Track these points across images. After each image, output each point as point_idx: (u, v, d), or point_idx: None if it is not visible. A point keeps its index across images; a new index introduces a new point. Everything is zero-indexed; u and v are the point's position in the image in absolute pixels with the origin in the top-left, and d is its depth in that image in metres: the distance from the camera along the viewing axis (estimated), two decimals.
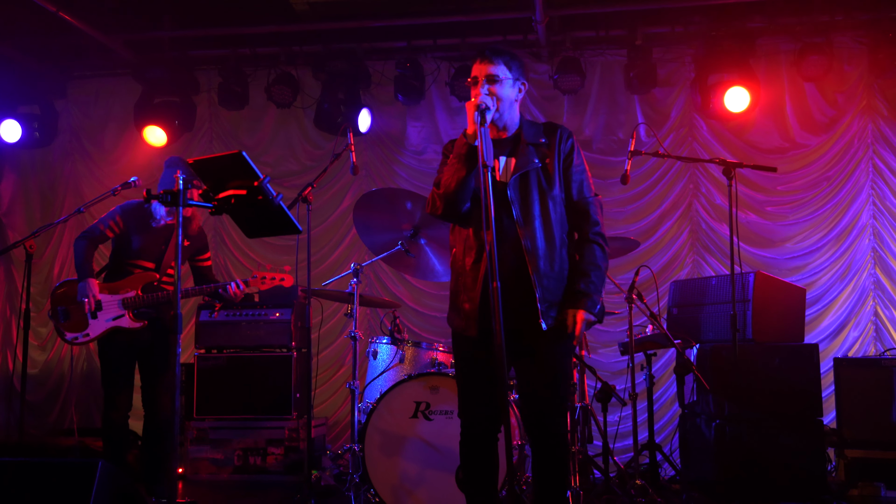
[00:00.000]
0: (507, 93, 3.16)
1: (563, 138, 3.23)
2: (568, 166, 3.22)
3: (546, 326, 3.08)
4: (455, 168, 3.10)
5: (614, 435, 5.97)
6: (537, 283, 3.08)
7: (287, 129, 7.35)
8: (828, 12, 6.37)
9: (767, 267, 6.56)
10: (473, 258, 3.14)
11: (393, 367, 4.87)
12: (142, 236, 4.73)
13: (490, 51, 3.19)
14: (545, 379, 3.14)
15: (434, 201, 3.20)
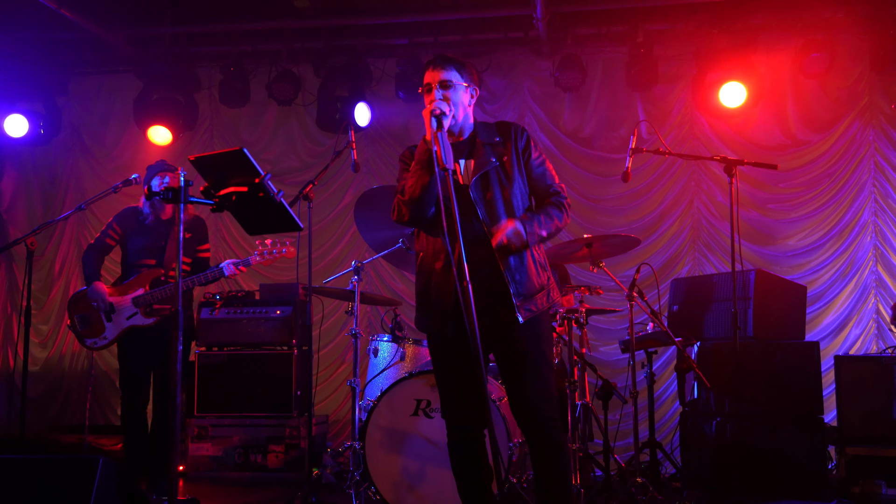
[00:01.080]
0: (459, 97, 3.20)
1: (518, 135, 3.29)
2: (527, 160, 3.28)
3: (522, 319, 3.13)
4: (418, 174, 3.13)
5: (615, 433, 5.97)
6: (510, 279, 3.14)
7: (288, 125, 7.35)
8: (830, 9, 6.36)
9: (769, 265, 6.55)
10: (443, 261, 3.18)
11: (394, 364, 4.86)
12: (141, 237, 4.87)
13: (440, 58, 3.25)
14: (527, 368, 3.18)
15: (399, 208, 3.23)
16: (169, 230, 4.89)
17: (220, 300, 6.01)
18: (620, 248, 5.23)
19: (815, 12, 6.39)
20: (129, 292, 4.82)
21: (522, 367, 3.20)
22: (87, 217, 7.32)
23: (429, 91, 3.20)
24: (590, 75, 6.81)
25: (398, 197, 3.25)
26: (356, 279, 4.79)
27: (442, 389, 3.34)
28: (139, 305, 4.80)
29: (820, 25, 6.43)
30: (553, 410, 3.21)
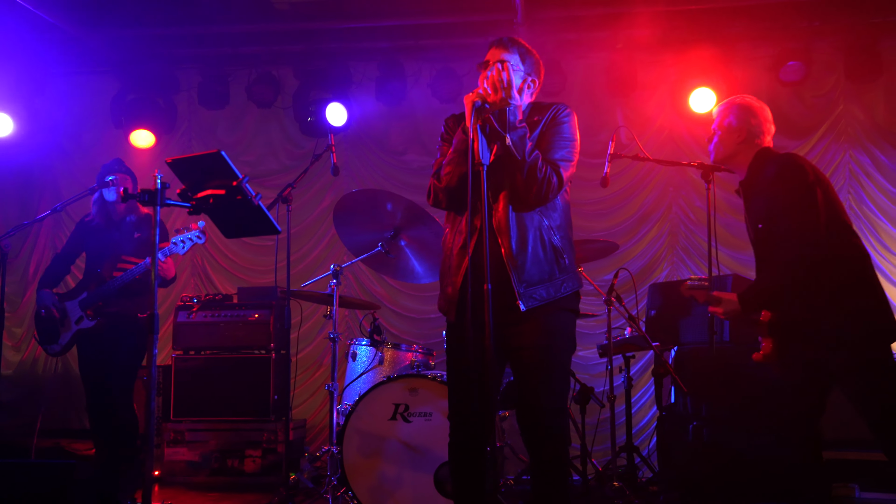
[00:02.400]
0: (515, 81, 3.07)
1: (555, 110, 3.16)
2: (549, 129, 3.12)
3: (525, 307, 2.99)
4: (455, 163, 3.07)
5: (593, 437, 5.98)
6: (510, 265, 3.00)
7: (268, 128, 7.32)
8: (806, 18, 6.44)
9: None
10: (461, 244, 3.10)
11: (372, 368, 4.85)
12: (97, 240, 4.85)
13: (508, 39, 3.16)
14: (537, 375, 3.02)
15: (436, 195, 3.17)
16: (123, 232, 4.83)
17: (198, 303, 5.97)
18: (599, 252, 5.26)
19: (791, 21, 6.47)
20: (75, 297, 4.80)
21: (527, 367, 3.04)
22: (63, 219, 7.24)
23: (485, 68, 3.09)
24: (570, 80, 6.85)
25: (433, 181, 3.17)
26: (335, 283, 4.78)
27: (448, 384, 3.22)
28: (84, 308, 4.75)
29: (796, 34, 6.51)
30: (557, 420, 3.03)
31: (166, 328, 6.54)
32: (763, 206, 3.46)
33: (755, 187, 3.53)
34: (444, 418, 4.34)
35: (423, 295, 6.99)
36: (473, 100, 2.89)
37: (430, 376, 4.46)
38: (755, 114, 3.60)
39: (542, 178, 2.99)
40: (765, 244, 3.48)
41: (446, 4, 6.48)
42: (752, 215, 3.53)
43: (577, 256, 4.91)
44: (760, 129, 3.59)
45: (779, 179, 3.40)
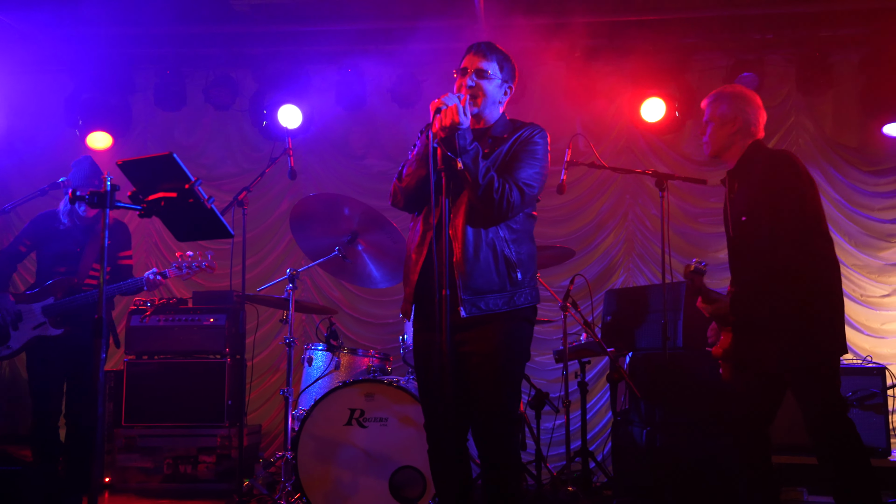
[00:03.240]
0: (492, 91, 3.11)
1: (531, 131, 3.12)
2: (521, 148, 3.08)
3: (465, 314, 2.97)
4: (416, 166, 3.09)
5: (548, 442, 6.03)
6: (458, 271, 2.99)
7: (225, 130, 7.25)
8: (759, 31, 6.57)
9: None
10: (418, 242, 3.13)
11: (328, 373, 4.83)
12: (56, 242, 4.70)
13: (486, 45, 3.14)
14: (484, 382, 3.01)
15: (396, 194, 3.19)
16: (86, 236, 4.73)
17: (152, 307, 5.88)
18: (556, 259, 5.30)
19: (745, 34, 6.60)
20: (39, 300, 4.63)
21: (475, 373, 3.01)
22: (13, 221, 7.09)
23: (463, 75, 3.10)
24: (529, 88, 6.90)
25: (395, 182, 3.19)
26: (291, 287, 4.75)
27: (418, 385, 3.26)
28: (48, 315, 4.61)
29: (750, 46, 6.64)
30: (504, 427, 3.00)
31: (119, 332, 6.41)
32: (750, 198, 3.38)
33: (744, 179, 3.44)
34: (399, 423, 4.36)
35: (381, 300, 6.98)
36: (438, 105, 2.90)
37: (387, 381, 4.45)
38: (749, 102, 3.49)
39: (498, 197, 2.96)
40: (745, 239, 3.40)
41: (407, 9, 6.49)
42: (736, 207, 3.43)
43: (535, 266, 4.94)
44: (756, 119, 3.48)
45: (772, 173, 3.34)
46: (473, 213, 3.04)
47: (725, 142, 3.50)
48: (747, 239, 3.37)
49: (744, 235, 3.40)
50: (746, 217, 3.36)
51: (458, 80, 3.13)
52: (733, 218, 3.46)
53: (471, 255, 3.00)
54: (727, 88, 3.56)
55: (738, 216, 3.42)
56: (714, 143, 3.55)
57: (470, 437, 3.16)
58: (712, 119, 3.52)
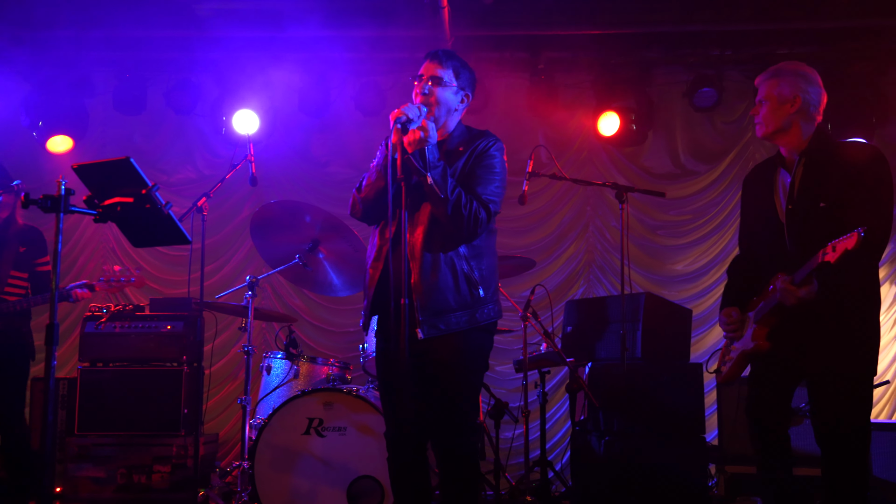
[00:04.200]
0: (448, 98, 3.11)
1: (484, 143, 3.11)
2: (477, 163, 3.08)
3: (423, 335, 2.96)
4: (376, 176, 3.09)
5: (508, 451, 6.03)
6: (415, 291, 2.98)
7: (186, 135, 7.17)
8: (719, 47, 6.69)
9: (658, 288, 6.80)
10: (374, 255, 3.13)
11: (287, 382, 4.80)
12: None
13: (443, 52, 3.15)
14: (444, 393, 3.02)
15: (355, 204, 3.19)
16: (9, 245, 4.59)
17: (107, 314, 5.77)
18: (516, 269, 5.33)
19: (705, 49, 6.72)
20: None
21: (434, 384, 3.03)
22: None
23: (419, 81, 3.12)
24: (493, 98, 6.94)
25: (354, 193, 3.19)
26: (250, 295, 4.71)
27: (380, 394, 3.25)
28: None
29: (710, 62, 6.76)
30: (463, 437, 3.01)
31: (73, 339, 6.30)
32: (839, 185, 3.09)
33: (827, 163, 3.15)
34: (358, 433, 4.34)
35: (342, 308, 6.94)
36: (397, 116, 2.90)
37: (346, 390, 4.43)
38: (811, 81, 3.25)
39: (467, 214, 2.96)
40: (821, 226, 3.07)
41: (372, 18, 6.49)
42: (810, 190, 3.14)
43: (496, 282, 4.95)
44: (818, 100, 3.25)
45: (878, 166, 3.10)
46: (432, 229, 3.03)
47: (782, 122, 3.20)
48: (825, 227, 3.03)
49: (820, 222, 3.08)
50: (827, 203, 3.08)
51: (415, 86, 3.14)
52: (805, 201, 3.14)
53: (429, 276, 2.99)
54: (787, 65, 3.27)
55: (814, 200, 3.12)
56: (770, 124, 3.24)
57: (429, 446, 3.16)
58: (768, 98, 3.24)
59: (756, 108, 3.30)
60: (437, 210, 2.98)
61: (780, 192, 3.25)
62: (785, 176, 3.25)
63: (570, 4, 6.39)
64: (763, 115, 3.26)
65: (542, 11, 6.46)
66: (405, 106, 2.95)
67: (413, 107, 2.97)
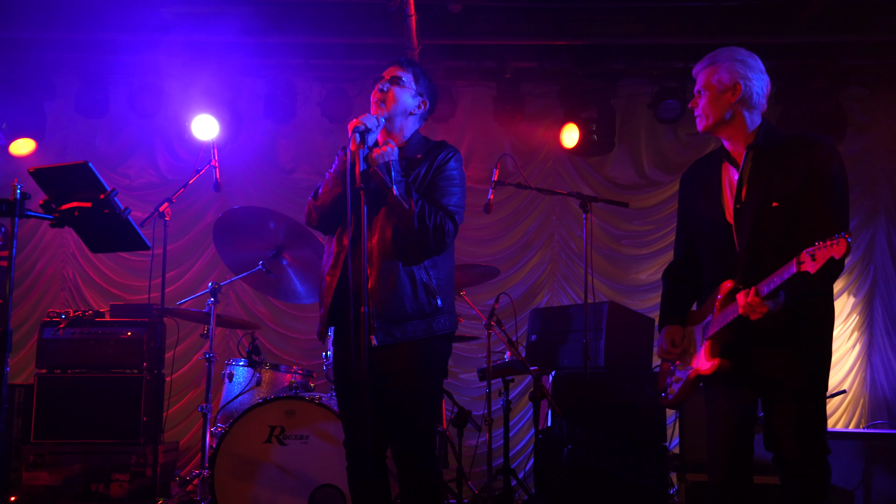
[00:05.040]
0: (404, 99, 3.13)
1: (443, 154, 3.12)
2: (437, 174, 3.09)
3: (377, 343, 2.96)
4: (332, 184, 3.09)
5: (471, 459, 6.03)
6: (371, 299, 2.96)
7: (149, 139, 7.09)
8: (682, 59, 6.79)
9: (622, 297, 6.86)
10: (331, 264, 3.12)
11: (249, 390, 4.75)
12: None
13: (406, 59, 3.21)
14: (402, 404, 3.02)
15: (311, 212, 3.18)
16: None
17: (66, 319, 5.68)
18: (481, 277, 5.34)
19: (668, 62, 6.81)
20: None
21: (392, 394, 3.01)
22: None
23: (379, 80, 3.15)
24: (460, 107, 6.96)
25: (311, 200, 3.18)
26: (212, 301, 4.66)
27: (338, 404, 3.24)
28: None
29: (674, 74, 6.85)
30: (423, 447, 3.01)
31: (31, 345, 6.19)
32: (793, 183, 2.81)
33: (779, 157, 2.87)
34: (320, 441, 4.31)
35: (307, 315, 6.90)
36: (356, 125, 2.91)
37: (308, 398, 4.40)
38: (751, 66, 2.95)
39: (433, 226, 2.97)
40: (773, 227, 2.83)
41: (339, 25, 6.49)
42: (762, 188, 2.85)
43: (460, 281, 4.96)
44: (761, 86, 2.95)
45: (835, 162, 2.82)
46: (390, 237, 3.03)
47: (723, 113, 2.92)
48: (777, 228, 2.82)
49: (773, 223, 2.83)
50: (780, 202, 2.81)
51: (375, 86, 3.15)
52: (755, 200, 2.85)
53: (386, 283, 2.99)
54: (724, 52, 2.99)
55: (766, 198, 2.83)
56: (710, 116, 2.95)
57: (389, 454, 3.15)
58: (706, 87, 2.96)
59: (694, 99, 3.01)
60: (403, 223, 2.98)
61: (727, 190, 2.95)
62: (731, 172, 2.95)
63: (537, 15, 6.44)
64: (702, 106, 2.97)
65: (510, 21, 6.51)
66: (364, 116, 2.97)
67: (371, 117, 2.99)
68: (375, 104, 3.10)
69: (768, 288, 2.66)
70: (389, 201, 2.96)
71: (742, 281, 2.83)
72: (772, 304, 2.68)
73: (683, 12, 6.32)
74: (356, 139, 2.87)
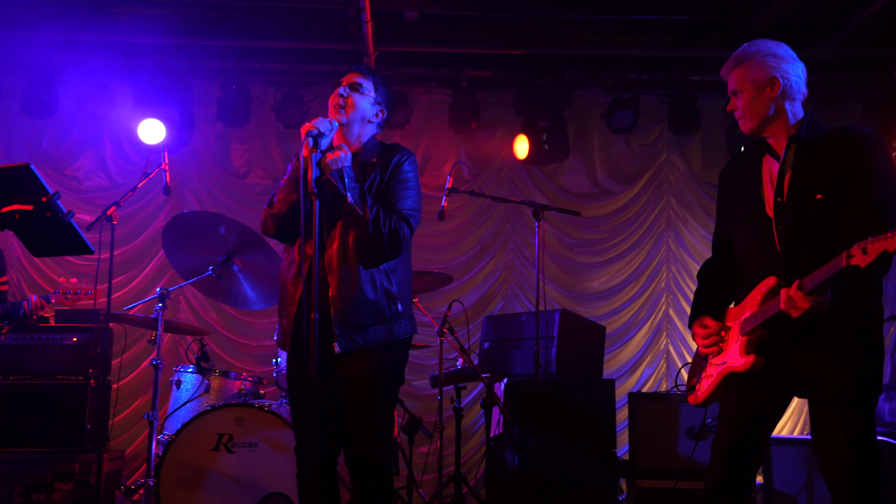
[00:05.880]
0: (363, 106, 3.12)
1: (397, 155, 3.13)
2: (392, 178, 3.09)
3: (340, 350, 2.96)
4: (287, 191, 3.06)
5: (423, 467, 6.03)
6: (333, 306, 2.97)
7: (99, 141, 6.96)
8: (636, 71, 6.89)
9: (575, 304, 6.92)
10: (294, 273, 3.08)
11: (197, 397, 4.69)
12: None
13: (366, 66, 3.22)
14: (360, 409, 3.00)
15: (266, 221, 3.14)
16: None
17: (8, 325, 5.53)
18: (435, 284, 5.34)
19: (622, 73, 6.91)
20: None
21: (350, 400, 3.00)
22: None
23: (338, 86, 3.14)
24: (415, 114, 6.97)
25: (266, 209, 3.14)
26: (160, 307, 4.58)
27: (292, 418, 3.19)
28: None
29: (627, 85, 6.95)
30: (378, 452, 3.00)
31: None
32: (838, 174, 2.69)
33: (823, 149, 2.76)
34: (269, 449, 4.27)
35: (258, 321, 6.83)
36: (309, 129, 2.89)
37: (258, 406, 4.36)
38: (783, 57, 2.81)
39: (387, 231, 2.96)
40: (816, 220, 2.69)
41: (295, 30, 6.46)
42: (805, 181, 2.72)
43: (413, 288, 4.94)
44: (797, 73, 2.82)
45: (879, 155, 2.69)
46: (350, 243, 3.02)
47: (768, 111, 2.78)
48: (821, 222, 2.68)
49: (816, 217, 2.69)
50: (824, 195, 2.68)
51: (334, 90, 3.14)
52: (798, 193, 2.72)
53: (347, 290, 2.98)
54: (750, 47, 2.83)
55: (809, 191, 2.70)
56: (753, 116, 2.81)
57: (341, 461, 3.13)
58: (742, 88, 2.80)
59: (732, 101, 2.84)
60: (358, 230, 2.97)
61: (767, 184, 2.81)
62: (772, 164, 2.82)
63: (493, 24, 6.49)
64: (742, 107, 2.81)
65: (466, 30, 6.54)
66: (317, 120, 2.94)
67: (325, 121, 2.97)
68: (334, 109, 3.10)
69: (813, 283, 2.49)
70: (346, 208, 2.94)
71: (785, 277, 2.66)
72: (815, 301, 2.51)
73: (637, 25, 6.42)
74: (309, 143, 2.85)
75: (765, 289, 2.73)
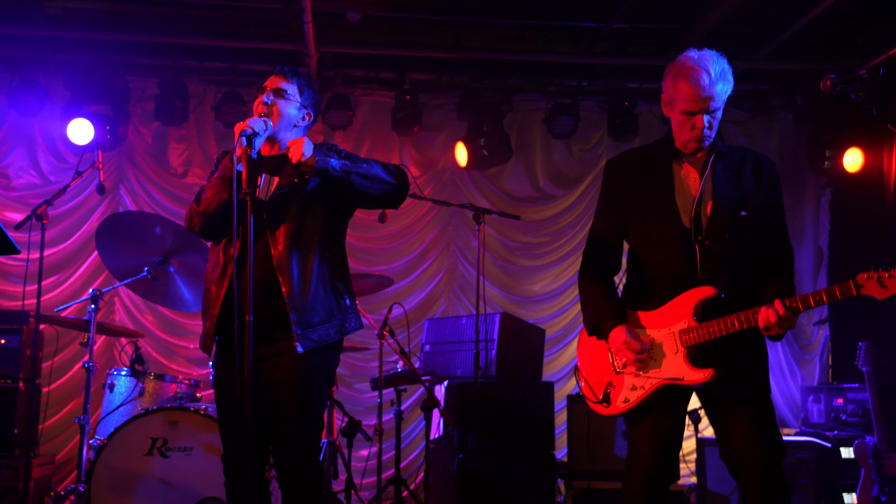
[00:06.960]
0: (289, 112, 3.07)
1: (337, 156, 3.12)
2: None
3: (302, 349, 2.93)
4: (217, 189, 2.99)
5: (363, 470, 6.00)
6: (291, 306, 2.92)
7: (31, 138, 6.76)
8: (576, 77, 6.99)
9: (516, 307, 6.97)
10: (219, 274, 3.03)
11: (131, 400, 4.59)
12: None
13: (290, 69, 3.14)
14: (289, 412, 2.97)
15: (192, 218, 3.08)
16: None
17: None
18: (375, 287, 5.33)
19: (563, 79, 7.00)
20: None
21: (279, 402, 2.97)
22: None
23: (262, 92, 3.07)
24: (357, 116, 6.95)
25: (193, 205, 3.07)
26: (93, 308, 4.47)
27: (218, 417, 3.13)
28: None
29: (567, 91, 7.05)
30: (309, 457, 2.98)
31: None
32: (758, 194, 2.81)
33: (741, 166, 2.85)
34: (205, 453, 4.20)
35: (196, 323, 6.71)
36: (243, 129, 2.86)
37: (193, 409, 4.28)
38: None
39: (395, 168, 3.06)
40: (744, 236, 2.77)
41: (234, 28, 6.38)
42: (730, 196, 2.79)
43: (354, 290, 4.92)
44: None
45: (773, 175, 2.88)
46: (298, 240, 2.98)
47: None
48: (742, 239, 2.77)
49: (739, 233, 2.77)
50: (748, 212, 2.77)
51: (258, 97, 3.09)
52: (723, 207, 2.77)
53: (302, 288, 2.96)
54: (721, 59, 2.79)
55: (734, 207, 2.77)
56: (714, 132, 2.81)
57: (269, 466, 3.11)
58: (720, 104, 2.77)
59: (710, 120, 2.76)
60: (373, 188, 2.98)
61: (687, 191, 2.82)
62: (691, 173, 2.84)
63: (436, 27, 6.51)
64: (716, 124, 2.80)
65: (409, 33, 6.55)
66: (251, 119, 2.91)
67: (259, 120, 2.93)
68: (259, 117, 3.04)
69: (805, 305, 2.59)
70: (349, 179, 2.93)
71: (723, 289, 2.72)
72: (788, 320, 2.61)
73: (576, 32, 6.52)
74: (243, 143, 2.81)
75: (697, 299, 2.74)
